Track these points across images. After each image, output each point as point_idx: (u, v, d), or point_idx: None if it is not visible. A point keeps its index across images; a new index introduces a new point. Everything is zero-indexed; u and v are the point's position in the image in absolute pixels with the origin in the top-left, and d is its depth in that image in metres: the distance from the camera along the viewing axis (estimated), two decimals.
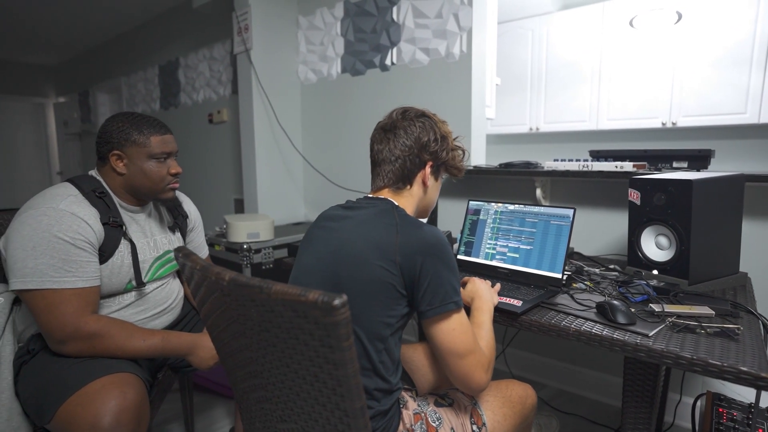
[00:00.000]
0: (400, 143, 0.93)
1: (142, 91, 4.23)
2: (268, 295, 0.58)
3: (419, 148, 0.94)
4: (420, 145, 0.94)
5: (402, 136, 0.94)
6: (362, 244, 0.83)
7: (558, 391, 1.98)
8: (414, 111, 0.97)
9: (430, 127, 0.96)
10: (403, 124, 0.95)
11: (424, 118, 0.96)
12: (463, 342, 0.82)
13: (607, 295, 1.19)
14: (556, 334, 1.02)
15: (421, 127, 0.94)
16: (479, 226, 1.43)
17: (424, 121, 0.95)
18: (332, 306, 0.52)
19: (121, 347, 1.02)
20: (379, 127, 0.98)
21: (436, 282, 0.81)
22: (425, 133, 0.94)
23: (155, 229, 1.24)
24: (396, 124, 0.95)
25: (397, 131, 0.94)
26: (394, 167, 0.94)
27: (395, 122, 0.95)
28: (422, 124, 0.95)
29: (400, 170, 0.94)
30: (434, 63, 2.23)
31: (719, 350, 0.86)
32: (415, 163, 0.95)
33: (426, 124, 0.95)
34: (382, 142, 0.95)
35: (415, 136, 0.94)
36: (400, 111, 0.98)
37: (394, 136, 0.94)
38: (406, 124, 0.94)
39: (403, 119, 0.95)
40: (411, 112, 0.97)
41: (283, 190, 2.85)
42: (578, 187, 1.85)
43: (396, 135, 0.94)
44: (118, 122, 1.10)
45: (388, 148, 0.94)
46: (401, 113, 0.97)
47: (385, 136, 0.95)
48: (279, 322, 0.61)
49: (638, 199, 1.33)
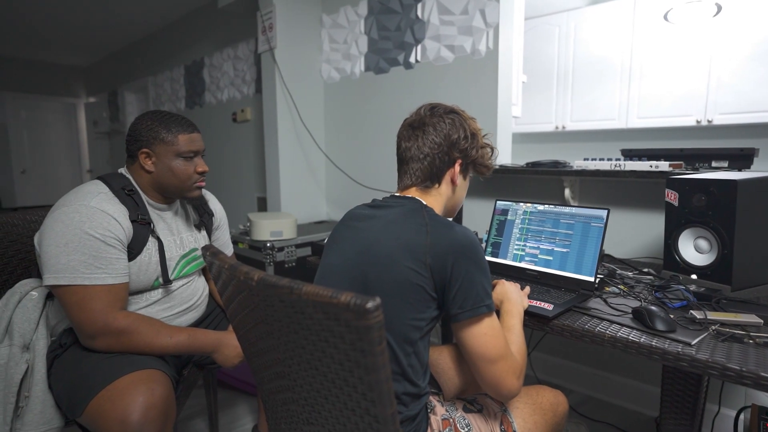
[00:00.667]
0: (429, 140, 0.91)
1: (168, 90, 4.31)
2: (298, 296, 0.56)
3: (449, 146, 0.91)
4: (450, 142, 0.91)
5: (431, 133, 0.91)
6: (391, 245, 0.81)
7: (586, 398, 1.92)
8: (443, 107, 0.95)
9: (460, 123, 0.93)
10: (432, 121, 0.92)
11: (453, 114, 0.93)
12: (495, 347, 0.79)
13: (642, 300, 1.14)
14: (590, 339, 0.98)
15: (451, 123, 0.92)
16: (507, 227, 1.39)
17: (453, 118, 0.92)
18: (365, 309, 0.50)
19: (149, 344, 1.03)
20: (406, 123, 0.96)
21: (468, 284, 0.78)
22: (455, 130, 0.91)
23: (181, 227, 1.24)
24: (425, 120, 0.92)
25: (426, 128, 0.91)
26: (422, 165, 0.91)
27: (424, 119, 0.93)
28: (452, 120, 0.92)
29: (429, 168, 0.91)
30: (459, 60, 2.19)
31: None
32: (444, 161, 0.92)
33: (456, 121, 0.92)
34: (410, 139, 0.93)
35: (444, 133, 0.91)
36: (428, 107, 0.95)
37: (423, 133, 0.91)
38: (435, 120, 0.92)
39: (432, 115, 0.93)
40: (440, 109, 0.94)
41: (305, 188, 2.85)
42: (609, 188, 1.79)
43: (425, 132, 0.91)
44: (147, 120, 1.11)
45: (416, 145, 0.92)
46: (429, 109, 0.94)
47: (414, 133, 0.92)
48: (308, 324, 0.59)
49: (676, 200, 1.27)
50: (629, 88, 3.15)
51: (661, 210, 1.65)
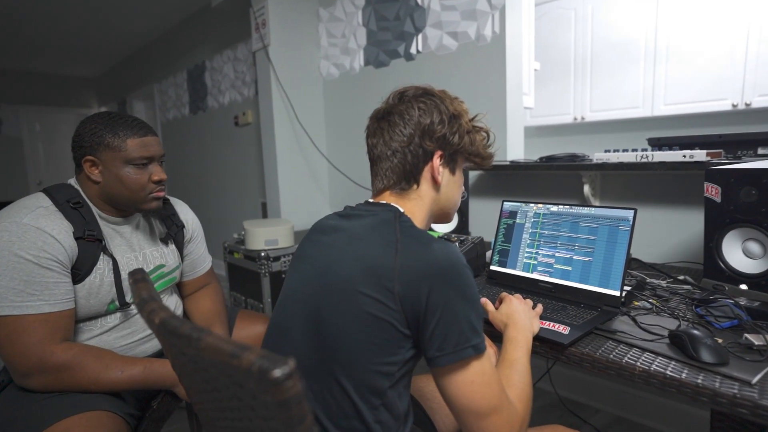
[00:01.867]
0: (397, 133, 0.74)
1: (173, 96, 4.25)
2: (197, 351, 0.41)
3: (421, 135, 0.74)
4: (421, 130, 0.73)
5: (398, 124, 0.74)
6: (351, 268, 0.64)
7: (614, 418, 1.71)
8: (414, 90, 0.77)
9: (434, 106, 0.75)
10: (399, 109, 0.75)
11: (425, 96, 0.76)
12: (485, 398, 0.62)
13: (681, 318, 0.94)
14: (616, 372, 0.79)
15: (422, 108, 0.74)
16: (516, 232, 1.21)
17: (425, 101, 0.75)
18: (271, 379, 0.34)
19: (95, 380, 0.89)
20: (372, 116, 0.79)
21: (449, 319, 0.61)
22: (427, 114, 0.74)
23: (144, 242, 1.11)
24: (391, 109, 0.75)
25: (392, 118, 0.74)
26: (392, 164, 0.75)
27: (390, 108, 0.76)
28: (423, 104, 0.74)
29: (401, 166, 0.74)
30: (463, 48, 2.01)
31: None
32: (418, 154, 0.74)
33: (428, 104, 0.75)
34: (376, 134, 0.76)
35: (414, 121, 0.73)
36: (396, 93, 0.78)
37: (389, 125, 0.74)
38: (403, 107, 0.74)
39: (400, 102, 0.76)
40: (409, 92, 0.77)
41: (306, 192, 2.71)
42: (635, 183, 1.58)
43: (391, 123, 0.74)
44: (91, 124, 0.97)
45: (383, 140, 0.75)
46: (398, 95, 0.77)
47: (379, 127, 0.76)
48: (217, 386, 0.43)
49: (718, 195, 1.06)
50: (654, 72, 2.89)
51: (698, 206, 1.43)
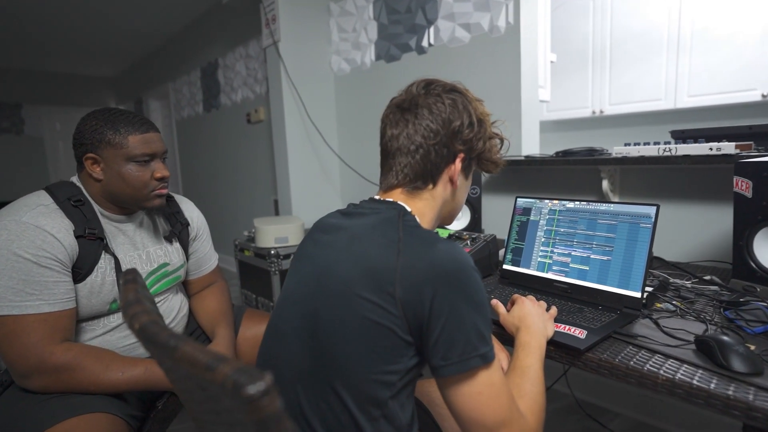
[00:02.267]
0: (423, 127, 0.69)
1: (187, 95, 4.28)
2: (173, 361, 0.37)
3: (449, 135, 0.69)
4: (450, 130, 0.69)
5: (425, 117, 0.69)
6: (351, 270, 0.60)
7: (635, 423, 1.64)
8: (442, 84, 0.72)
9: (464, 107, 0.70)
10: (427, 101, 0.70)
11: (455, 93, 0.71)
12: (493, 410, 0.57)
13: (708, 322, 0.88)
14: (637, 381, 0.74)
15: (452, 105, 0.69)
16: (530, 229, 1.16)
17: (455, 98, 0.70)
18: (244, 396, 0.30)
19: (95, 381, 0.87)
20: (394, 104, 0.74)
21: (454, 325, 0.56)
22: (457, 114, 0.69)
23: (147, 240, 1.09)
24: (417, 101, 0.70)
25: (420, 111, 0.69)
26: (413, 160, 0.70)
27: (416, 98, 0.71)
28: (453, 102, 0.70)
29: (422, 164, 0.70)
30: (476, 40, 1.95)
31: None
32: (442, 155, 0.70)
33: (458, 103, 0.70)
34: (398, 124, 0.71)
35: (443, 118, 0.69)
36: (422, 83, 0.73)
37: (415, 118, 0.69)
38: (432, 101, 0.70)
39: (428, 94, 0.71)
40: (438, 86, 0.72)
41: (318, 189, 2.69)
42: (657, 177, 1.50)
43: (418, 116, 0.69)
44: (91, 120, 0.96)
45: (405, 133, 0.70)
46: (423, 86, 0.72)
47: (403, 117, 0.71)
48: (198, 398, 0.40)
49: (749, 190, 0.99)
50: (678, 63, 2.78)
51: (725, 202, 1.36)
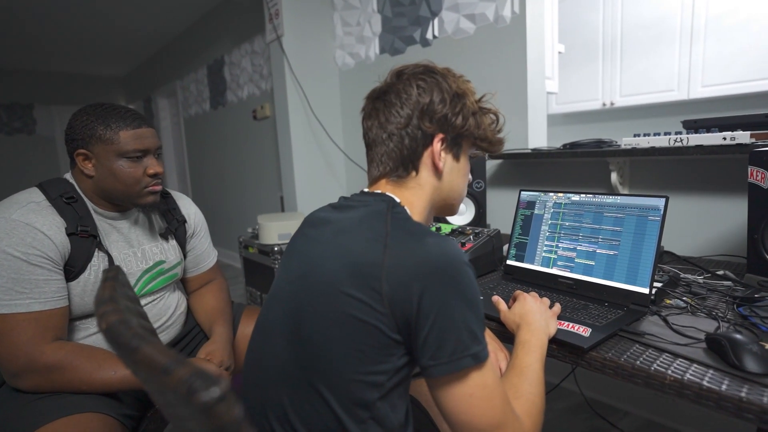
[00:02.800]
0: (393, 114, 0.67)
1: (194, 92, 4.29)
2: (134, 363, 0.35)
3: (419, 116, 0.66)
4: (420, 110, 0.66)
5: (395, 104, 0.67)
6: (334, 266, 0.58)
7: (645, 422, 1.59)
8: (412, 67, 0.70)
9: (435, 84, 0.67)
10: (396, 87, 0.68)
11: (425, 74, 0.68)
12: (486, 414, 0.54)
13: (720, 319, 0.83)
14: (643, 381, 0.70)
15: (421, 86, 0.67)
16: (534, 223, 1.12)
17: (425, 78, 0.68)
18: (197, 402, 0.28)
19: (87, 381, 0.86)
20: (367, 96, 0.72)
21: (444, 323, 0.54)
22: (426, 93, 0.66)
23: (143, 238, 1.08)
24: (388, 88, 0.69)
25: (388, 97, 0.67)
26: (388, 148, 0.68)
27: (388, 86, 0.69)
28: (423, 81, 0.67)
29: (397, 151, 0.67)
30: (481, 31, 1.91)
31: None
32: (417, 137, 0.67)
33: (428, 82, 0.67)
34: (371, 116, 0.69)
35: (413, 101, 0.66)
36: (395, 71, 0.71)
37: (384, 106, 0.67)
38: (401, 86, 0.67)
39: (398, 80, 0.69)
40: (408, 69, 0.70)
41: (323, 185, 2.67)
42: (668, 169, 1.45)
43: (387, 103, 0.67)
44: (83, 116, 0.95)
45: (378, 123, 0.68)
46: (396, 73, 0.70)
47: (374, 107, 0.69)
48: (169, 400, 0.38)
49: (765, 180, 0.95)
50: (691, 53, 2.69)
51: (739, 194, 1.30)
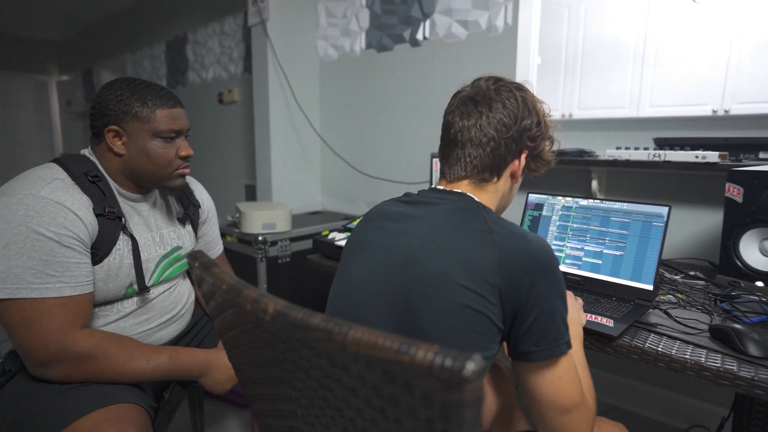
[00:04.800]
0: (497, 120, 0.71)
1: (148, 68, 4.00)
2: (341, 346, 0.37)
3: (520, 131, 0.72)
4: (522, 127, 0.72)
5: (500, 111, 0.71)
6: (443, 259, 0.62)
7: (607, 407, 1.77)
8: (509, 81, 0.75)
9: (533, 105, 0.74)
10: (500, 96, 0.72)
11: (524, 92, 0.74)
12: (570, 394, 0.62)
13: (711, 313, 0.97)
14: (666, 365, 0.81)
15: (523, 102, 0.72)
16: (542, 224, 1.21)
17: (525, 96, 0.73)
18: (461, 377, 0.31)
19: (119, 371, 0.82)
20: (464, 95, 0.75)
21: (547, 314, 0.60)
22: (528, 112, 0.72)
23: (161, 222, 1.03)
24: (490, 94, 0.72)
25: (494, 104, 0.71)
26: (483, 152, 0.72)
27: (487, 92, 0.73)
28: (523, 99, 0.73)
29: (491, 156, 0.72)
30: (473, 37, 1.99)
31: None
32: (511, 149, 0.73)
33: (528, 101, 0.73)
34: (470, 116, 0.72)
35: (515, 114, 0.71)
36: (491, 79, 0.75)
37: (489, 110, 0.71)
38: (505, 96, 0.72)
39: (498, 90, 0.73)
40: (507, 82, 0.75)
41: (299, 176, 2.63)
42: (641, 181, 1.62)
43: (492, 109, 0.71)
44: (116, 90, 0.89)
45: (479, 124, 0.71)
46: (493, 82, 0.74)
47: (476, 110, 0.72)
48: (354, 385, 0.40)
49: (740, 195, 1.10)
50: (642, 75, 2.98)
51: (703, 205, 1.50)
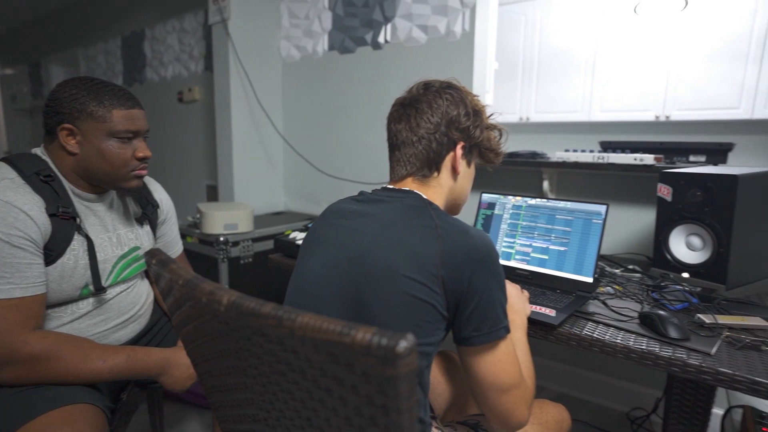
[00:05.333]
0: (424, 120, 0.77)
1: (103, 64, 3.85)
2: (290, 331, 0.40)
3: (447, 125, 0.78)
4: (448, 120, 0.78)
5: (425, 112, 0.77)
6: (392, 253, 0.66)
7: (557, 395, 1.88)
8: (438, 82, 0.81)
9: (460, 99, 0.79)
10: (426, 98, 0.78)
11: (451, 89, 0.80)
12: (509, 374, 0.68)
13: (642, 302, 1.07)
14: (599, 349, 0.89)
15: (449, 99, 0.78)
16: (494, 222, 1.28)
17: (452, 93, 0.79)
18: (395, 353, 0.35)
19: (74, 372, 0.82)
20: (397, 103, 0.82)
21: (487, 301, 0.66)
22: (453, 106, 0.78)
23: (118, 222, 1.02)
24: (418, 98, 0.79)
25: (420, 106, 0.78)
26: (416, 150, 0.78)
27: (417, 96, 0.79)
28: (450, 95, 0.79)
29: (425, 153, 0.78)
30: (433, 42, 2.06)
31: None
32: (443, 143, 0.78)
33: (455, 96, 0.79)
34: (402, 120, 0.79)
35: (441, 111, 0.77)
36: (421, 84, 0.82)
37: (416, 112, 0.77)
38: (431, 97, 0.78)
39: (426, 92, 0.79)
40: (435, 84, 0.81)
41: (261, 176, 2.62)
42: (588, 181, 1.73)
43: (418, 110, 0.77)
44: (72, 88, 0.88)
45: (408, 126, 0.78)
46: (423, 86, 0.81)
47: (405, 113, 0.79)
48: (302, 368, 0.43)
49: (669, 195, 1.21)
50: (593, 81, 3.16)
51: (641, 204, 1.61)
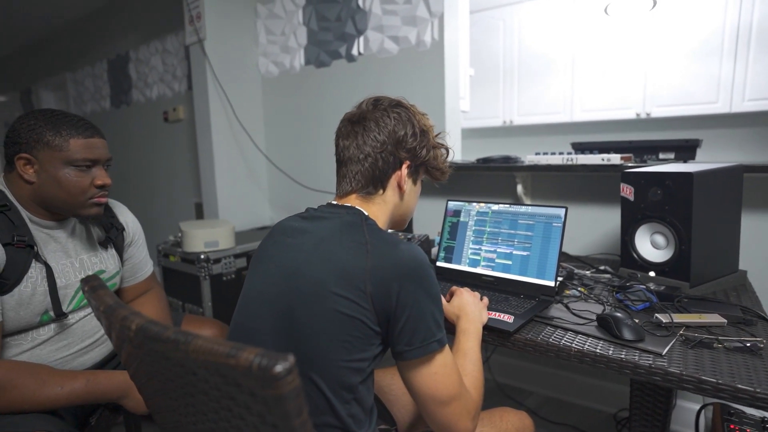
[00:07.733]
0: (371, 138, 0.77)
1: (91, 88, 3.90)
2: (185, 354, 0.41)
3: (394, 144, 0.78)
4: (395, 140, 0.78)
5: (373, 130, 0.78)
6: (322, 269, 0.67)
7: (545, 399, 1.87)
8: (388, 100, 0.82)
9: (408, 119, 0.80)
10: (374, 116, 0.79)
11: (400, 108, 0.81)
12: (447, 387, 0.68)
13: (605, 303, 1.07)
14: (555, 354, 0.89)
15: (397, 118, 0.79)
16: (460, 229, 1.29)
17: (400, 112, 0.80)
18: (272, 374, 0.36)
19: (30, 399, 0.82)
20: (345, 119, 0.82)
21: (417, 316, 0.66)
22: (401, 126, 0.79)
23: (81, 248, 1.03)
24: (366, 115, 0.79)
25: (368, 123, 0.78)
26: (362, 167, 0.78)
27: (365, 113, 0.80)
28: (398, 115, 0.79)
29: (371, 171, 0.78)
30: (404, 52, 2.08)
31: (744, 370, 0.74)
32: (389, 162, 0.79)
33: (402, 116, 0.80)
34: (349, 136, 0.79)
35: (389, 130, 0.78)
36: (371, 100, 0.82)
37: (364, 130, 0.78)
38: (379, 115, 0.79)
39: (375, 109, 0.80)
40: (384, 102, 0.81)
41: (245, 192, 2.63)
42: (562, 182, 1.74)
43: (366, 128, 0.78)
44: (30, 120, 0.90)
45: (355, 143, 0.78)
46: (372, 102, 0.81)
47: (353, 130, 0.79)
48: (204, 388, 0.44)
49: (632, 194, 1.22)
50: (573, 82, 3.18)
51: (614, 204, 1.62)
